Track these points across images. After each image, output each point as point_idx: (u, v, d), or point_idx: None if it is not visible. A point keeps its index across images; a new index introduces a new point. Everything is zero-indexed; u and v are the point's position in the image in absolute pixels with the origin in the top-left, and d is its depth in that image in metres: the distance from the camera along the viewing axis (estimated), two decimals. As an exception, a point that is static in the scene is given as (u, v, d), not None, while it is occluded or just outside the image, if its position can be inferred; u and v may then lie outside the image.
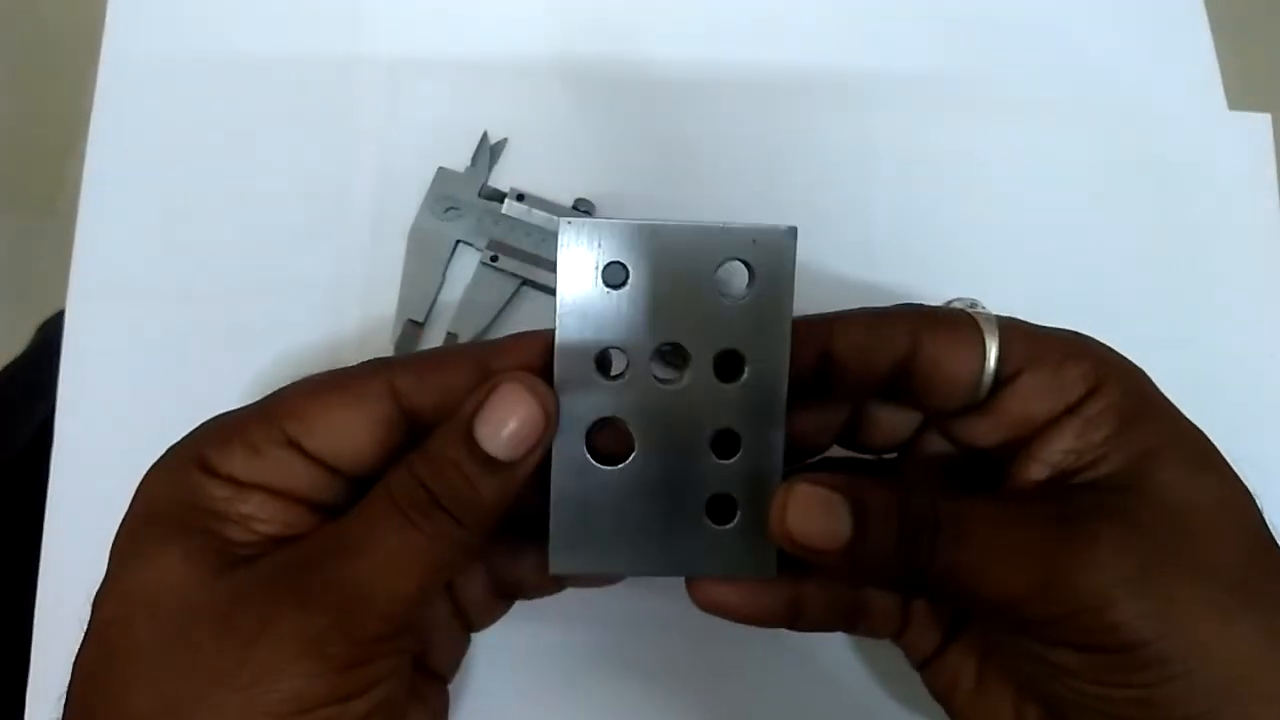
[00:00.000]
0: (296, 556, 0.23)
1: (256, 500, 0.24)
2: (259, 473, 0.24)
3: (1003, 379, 0.25)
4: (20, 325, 0.58)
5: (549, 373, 0.25)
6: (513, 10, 0.41)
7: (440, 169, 0.38)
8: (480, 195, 0.38)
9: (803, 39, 0.42)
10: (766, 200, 0.39)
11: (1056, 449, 0.24)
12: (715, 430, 0.26)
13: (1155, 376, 0.26)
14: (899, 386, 0.26)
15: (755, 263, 0.25)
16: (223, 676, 0.21)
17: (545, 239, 0.37)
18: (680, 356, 0.25)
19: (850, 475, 0.25)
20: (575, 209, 0.38)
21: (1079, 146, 0.41)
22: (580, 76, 0.40)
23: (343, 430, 0.24)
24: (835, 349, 0.25)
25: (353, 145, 0.39)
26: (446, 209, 0.38)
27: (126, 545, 0.24)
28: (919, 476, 0.28)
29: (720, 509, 0.26)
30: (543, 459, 0.25)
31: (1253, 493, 0.24)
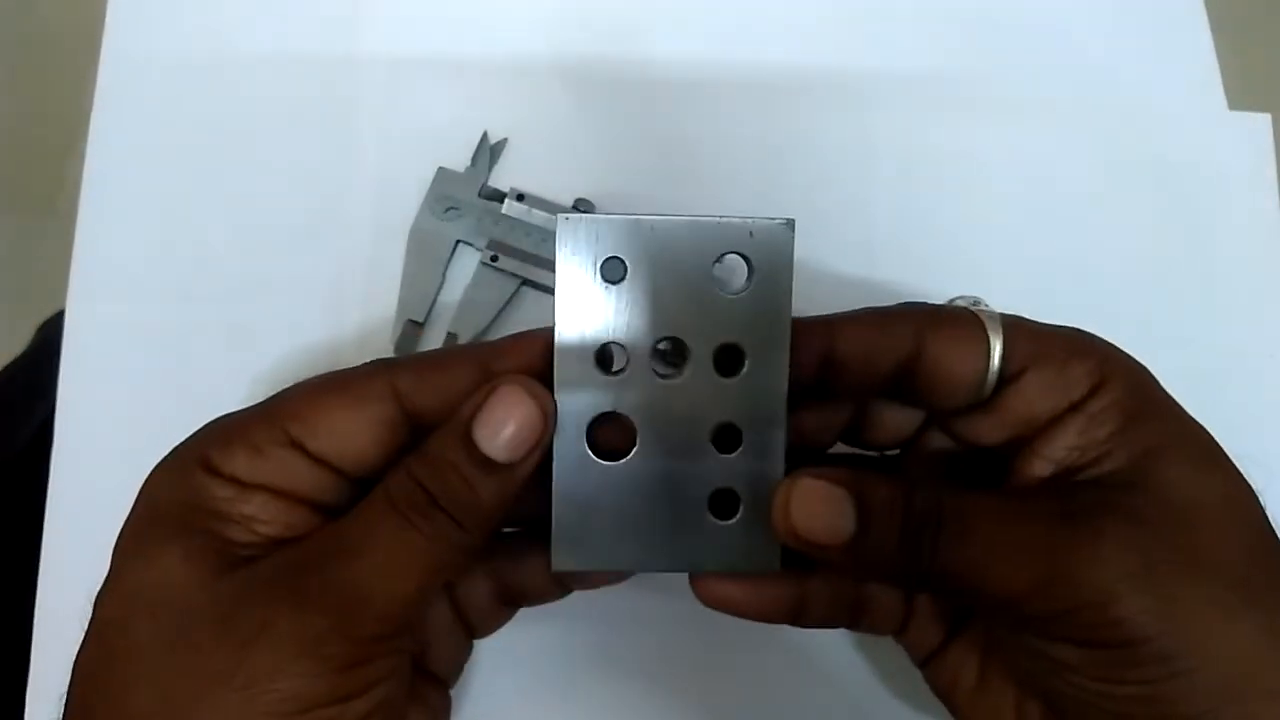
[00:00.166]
0: (296, 557, 0.23)
1: (259, 501, 0.24)
2: (261, 473, 0.24)
3: (1006, 377, 0.25)
4: (20, 325, 0.58)
5: (549, 371, 0.25)
6: (513, 10, 0.41)
7: (440, 169, 0.38)
8: (480, 195, 0.38)
9: (803, 39, 0.42)
10: (766, 200, 0.39)
11: (1060, 446, 0.24)
12: (716, 425, 0.26)
13: (1156, 376, 0.26)
14: (903, 385, 0.26)
15: (753, 256, 0.25)
16: (222, 677, 0.22)
17: (545, 239, 0.37)
18: (680, 351, 0.25)
19: (854, 470, 0.25)
20: (575, 209, 0.38)
21: (1079, 146, 0.41)
22: (580, 76, 0.40)
23: (345, 431, 0.24)
24: (839, 350, 0.25)
25: (353, 145, 0.39)
26: (446, 209, 0.38)
27: (129, 545, 0.24)
28: (922, 474, 0.28)
29: (723, 504, 0.26)
30: (541, 461, 0.25)
31: (1255, 490, 0.24)
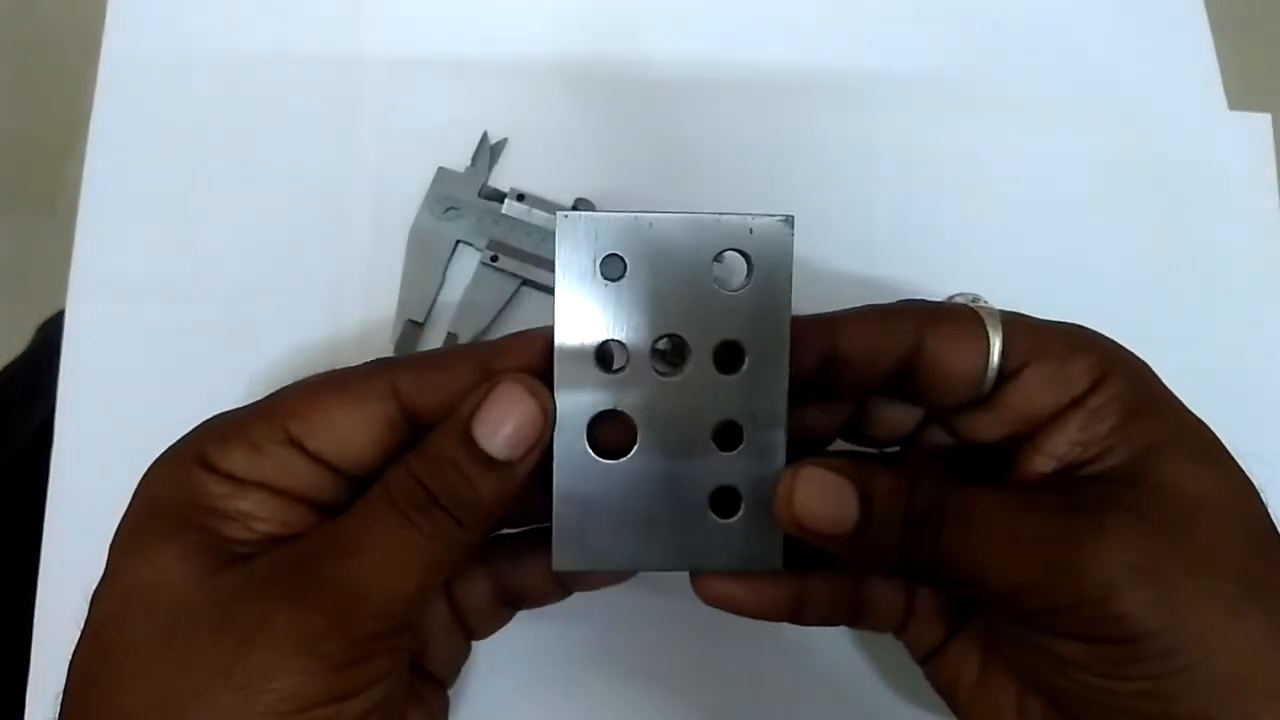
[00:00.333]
0: (294, 555, 0.23)
1: (256, 498, 0.24)
2: (259, 471, 0.24)
3: (1006, 373, 0.25)
4: (20, 325, 0.58)
5: (549, 370, 0.25)
6: (513, 10, 0.41)
7: (440, 169, 0.38)
8: (480, 195, 0.38)
9: (803, 39, 0.42)
10: (766, 200, 0.39)
11: (1061, 441, 0.24)
12: (717, 422, 0.26)
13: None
14: (903, 382, 0.26)
15: (753, 252, 0.25)
16: (218, 675, 0.21)
17: (545, 239, 0.37)
18: (680, 349, 0.25)
19: (858, 461, 0.25)
20: (575, 209, 0.38)
21: (1079, 146, 0.41)
22: (580, 76, 0.40)
23: (344, 429, 0.24)
24: (839, 348, 0.25)
25: (353, 145, 0.39)
26: (446, 209, 0.38)
27: (125, 542, 0.24)
28: (924, 468, 0.28)
29: (724, 502, 0.26)
30: (541, 459, 0.25)
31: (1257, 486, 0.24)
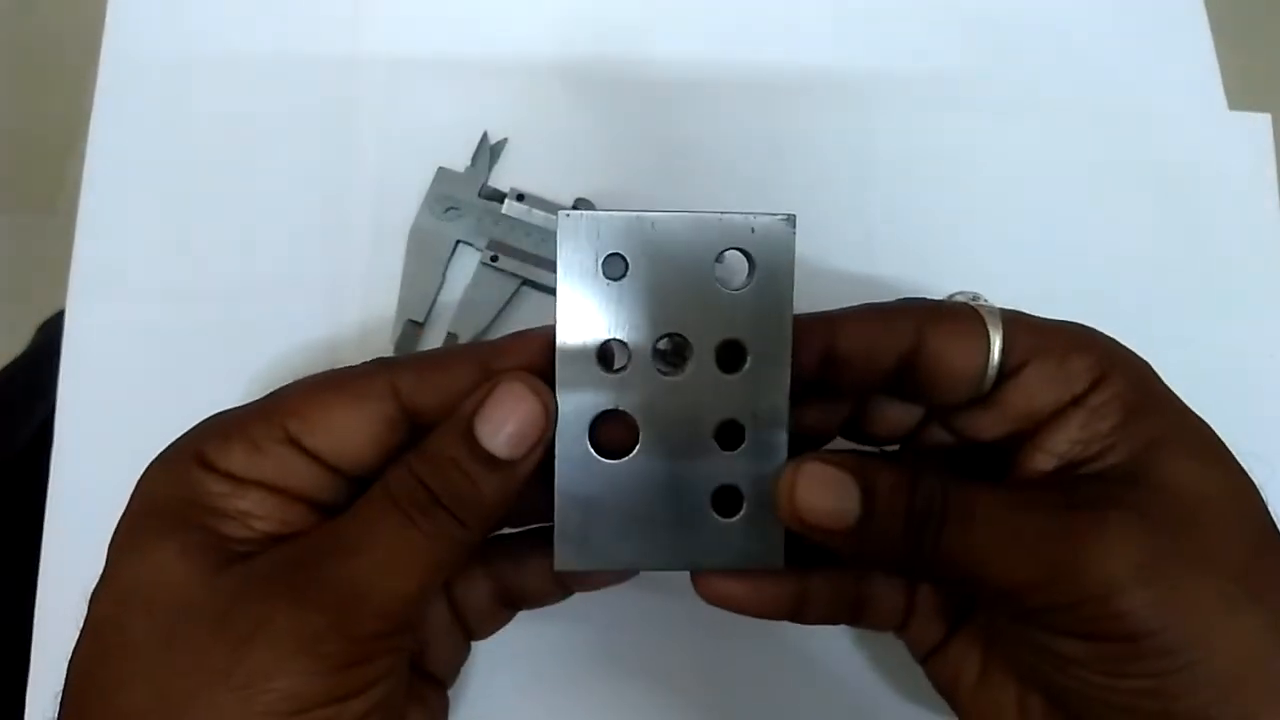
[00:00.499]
0: (294, 554, 0.23)
1: (255, 497, 0.24)
2: (258, 470, 0.24)
3: (1007, 371, 0.25)
4: (20, 325, 0.58)
5: (551, 369, 0.25)
6: (513, 10, 0.41)
7: (440, 169, 0.38)
8: (480, 195, 0.38)
9: (803, 39, 0.42)
10: (767, 200, 0.39)
11: (1062, 440, 0.24)
12: (719, 421, 0.25)
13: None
14: (903, 381, 0.26)
15: (754, 251, 0.25)
16: (218, 675, 0.21)
17: (545, 239, 0.37)
18: (681, 349, 0.25)
19: (859, 457, 0.25)
20: (575, 209, 0.38)
21: (1079, 146, 0.41)
22: (580, 76, 0.40)
23: (343, 429, 0.24)
24: (840, 346, 0.25)
25: (353, 145, 0.39)
26: (446, 209, 0.38)
27: (124, 541, 0.24)
28: (924, 466, 0.28)
29: (726, 501, 0.26)
30: (542, 458, 0.25)
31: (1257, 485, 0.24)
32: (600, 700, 0.34)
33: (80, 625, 0.23)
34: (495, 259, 0.37)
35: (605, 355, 0.25)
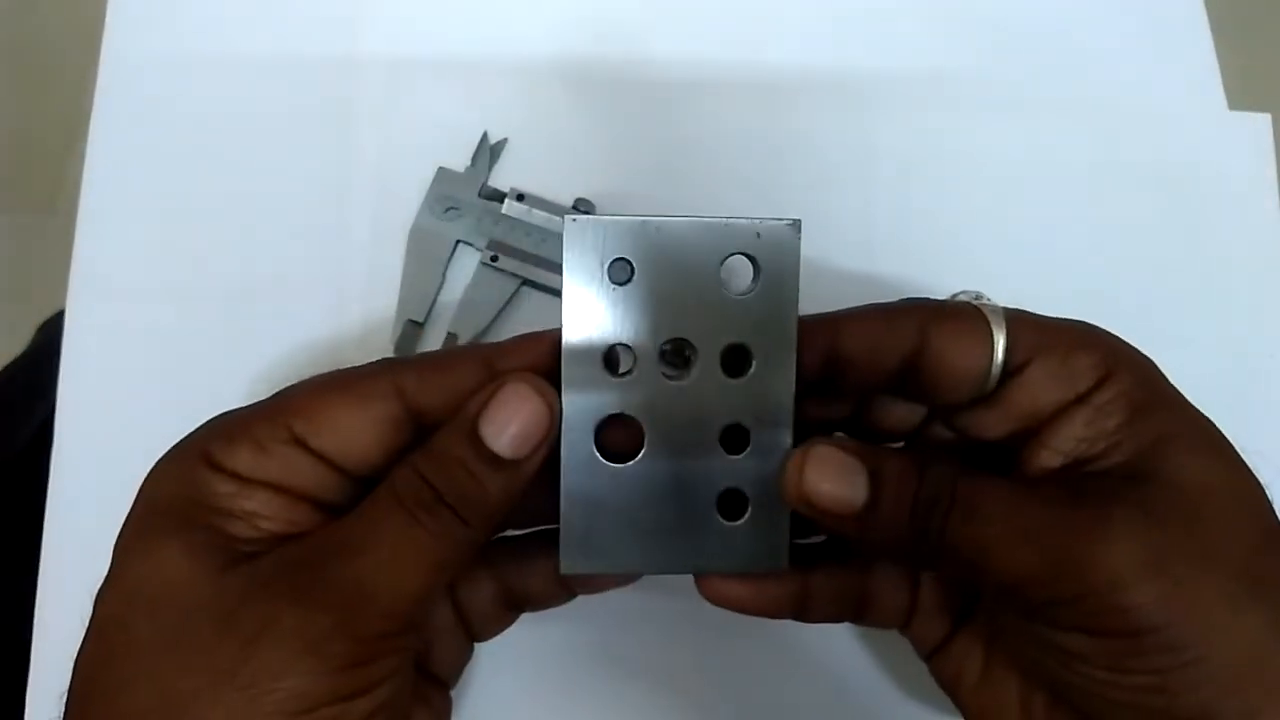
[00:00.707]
0: (299, 554, 0.23)
1: (261, 497, 0.24)
2: (264, 470, 0.24)
3: (1010, 370, 0.25)
4: (20, 325, 0.58)
5: (555, 373, 0.25)
6: (513, 10, 0.41)
7: (440, 169, 0.38)
8: (480, 195, 0.38)
9: (803, 39, 0.42)
10: (767, 200, 0.39)
11: (1067, 437, 0.24)
12: (724, 426, 0.26)
13: (1156, 372, 0.26)
14: (907, 381, 0.25)
15: (760, 256, 0.25)
16: (224, 675, 0.21)
17: (545, 239, 0.37)
18: (687, 353, 0.25)
19: (868, 444, 0.25)
20: (575, 209, 0.38)
21: (1079, 146, 0.41)
22: (580, 76, 0.40)
23: (348, 429, 0.24)
24: (843, 347, 0.25)
25: (353, 145, 0.39)
26: (446, 209, 0.38)
27: (129, 541, 0.24)
28: (932, 457, 0.28)
29: (731, 504, 0.26)
30: (546, 458, 0.25)
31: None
32: (602, 700, 0.34)
33: (85, 625, 0.23)
34: (495, 259, 0.37)
35: (611, 359, 0.25)
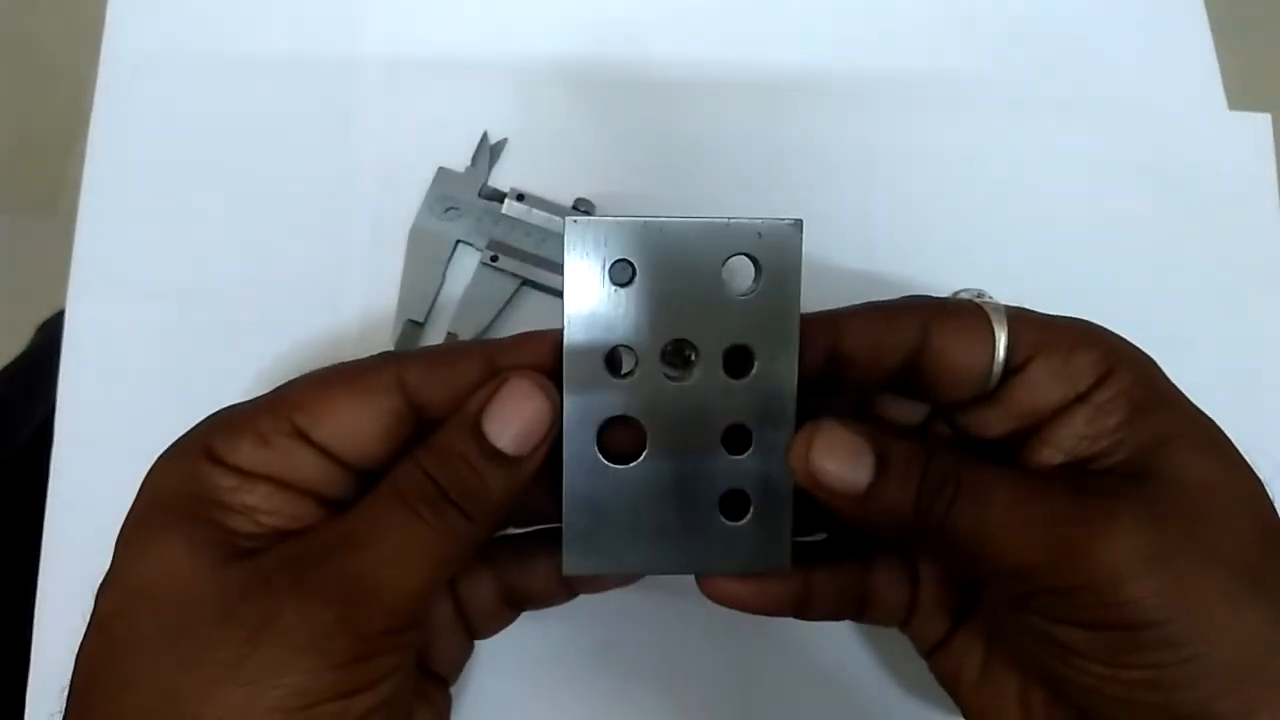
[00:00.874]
0: (301, 550, 0.23)
1: (262, 491, 0.24)
2: (266, 463, 0.24)
3: (1012, 368, 0.25)
4: (20, 325, 0.58)
5: (557, 372, 0.25)
6: (512, 10, 0.41)
7: (440, 169, 0.38)
8: (480, 195, 0.38)
9: (803, 39, 0.42)
10: (767, 200, 0.39)
11: (1068, 435, 0.24)
12: (726, 426, 0.26)
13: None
14: (908, 379, 0.25)
15: (761, 257, 0.25)
16: (225, 670, 0.21)
17: (545, 239, 0.37)
18: (689, 354, 0.25)
19: (875, 426, 0.25)
20: (575, 209, 0.38)
21: (1079, 146, 0.41)
22: (580, 76, 0.40)
23: (351, 422, 0.24)
24: (844, 346, 0.25)
25: (353, 145, 0.39)
26: (446, 209, 0.38)
27: (131, 536, 0.24)
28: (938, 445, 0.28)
29: (733, 505, 0.26)
30: (548, 456, 0.25)
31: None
32: (602, 698, 0.34)
33: (86, 623, 0.23)
34: (495, 259, 0.37)
35: (613, 361, 0.25)
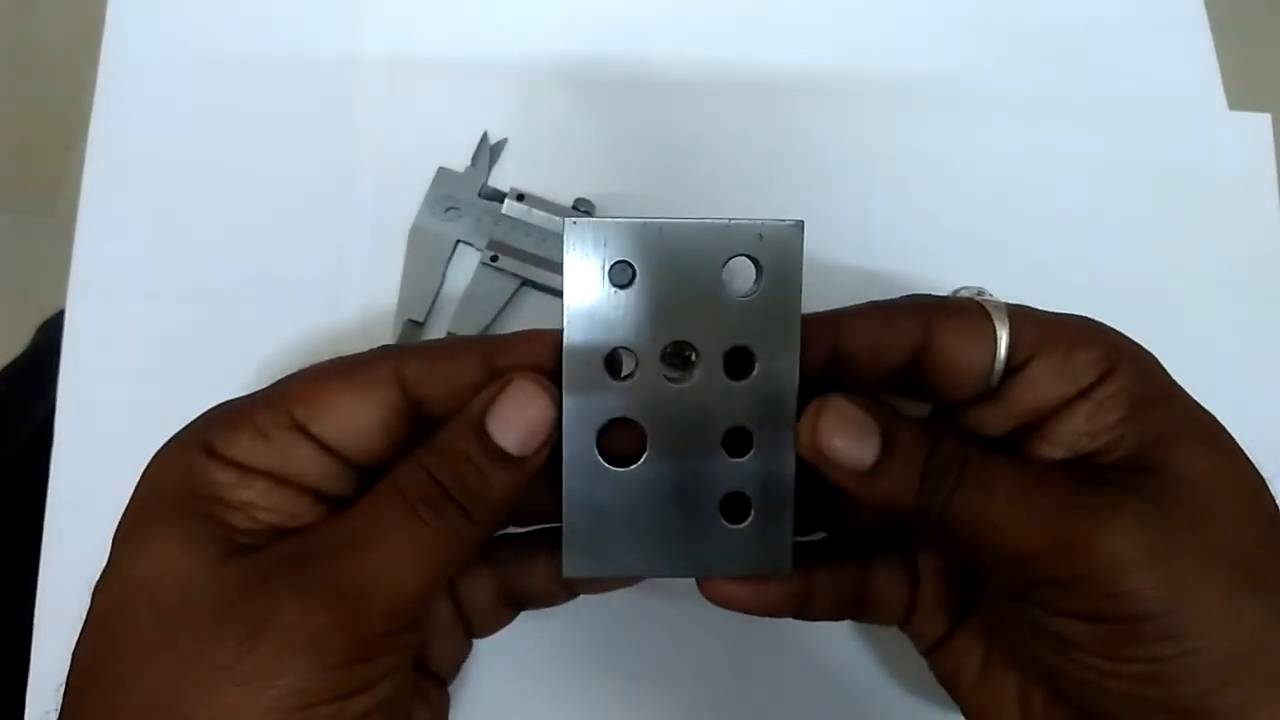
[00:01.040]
0: (300, 548, 0.23)
1: (260, 487, 0.24)
2: (264, 457, 0.24)
3: (1013, 366, 0.25)
4: (20, 325, 0.58)
5: (556, 371, 0.25)
6: (513, 10, 0.41)
7: (440, 169, 0.38)
8: (480, 195, 0.38)
9: (803, 39, 0.42)
10: (766, 200, 0.39)
11: (1069, 432, 0.24)
12: (727, 429, 0.25)
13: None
14: (910, 378, 0.25)
15: (762, 258, 0.25)
16: (221, 670, 0.21)
17: (545, 239, 0.37)
18: (689, 355, 0.25)
19: (884, 405, 0.25)
20: (575, 209, 0.38)
21: (1079, 146, 0.41)
22: (580, 76, 0.40)
23: (350, 415, 0.24)
24: (846, 347, 0.25)
25: (353, 145, 0.39)
26: (446, 209, 0.38)
27: (128, 531, 0.24)
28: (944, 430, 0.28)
29: (734, 508, 0.26)
30: (549, 457, 0.25)
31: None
32: (601, 698, 0.34)
33: (83, 617, 0.23)
34: (495, 259, 0.37)
35: (613, 362, 0.25)
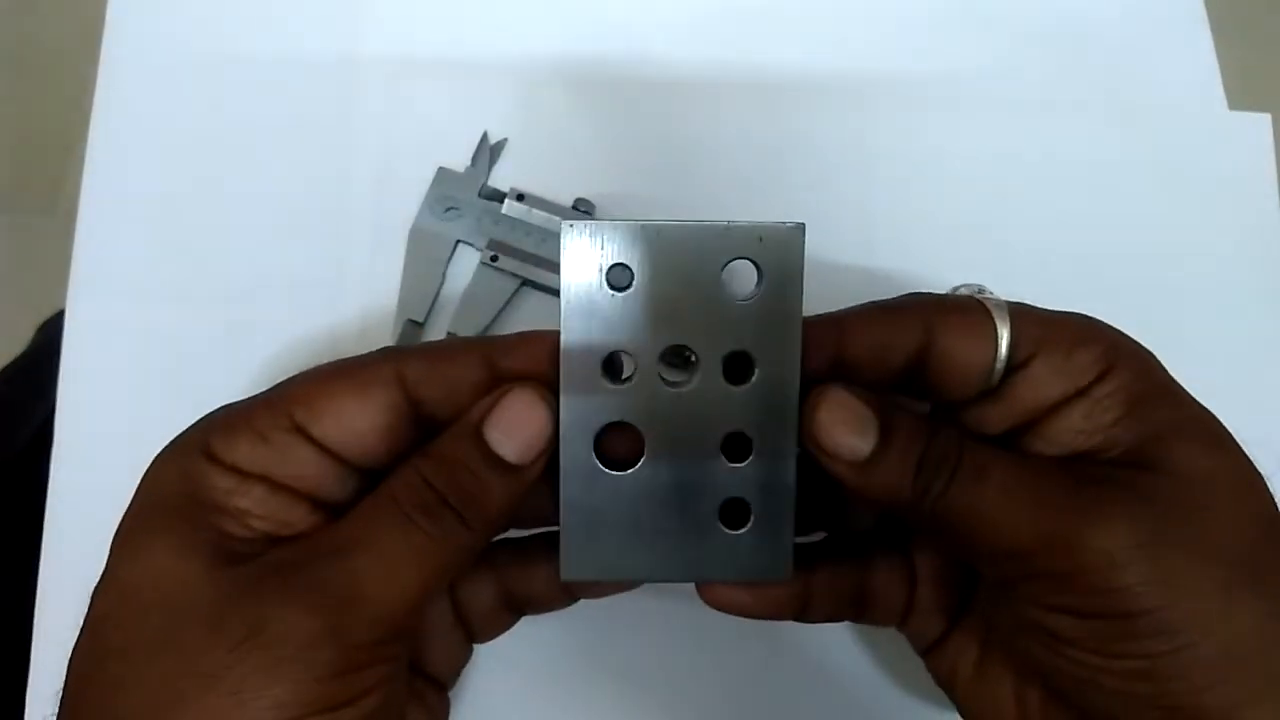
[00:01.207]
0: (293, 555, 0.23)
1: (257, 494, 0.23)
2: (264, 461, 0.23)
3: (1014, 365, 0.25)
4: (20, 325, 0.58)
5: (556, 373, 0.25)
6: (513, 10, 0.41)
7: (440, 169, 0.38)
8: (480, 195, 0.38)
9: (803, 39, 0.42)
10: (766, 200, 0.39)
11: (1066, 429, 0.24)
12: (726, 433, 0.25)
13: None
14: (912, 379, 0.25)
15: (763, 261, 0.24)
16: (210, 680, 0.21)
17: (545, 239, 0.37)
18: (688, 359, 0.25)
19: (883, 396, 0.25)
20: (575, 209, 0.38)
21: (1079, 146, 0.41)
22: (580, 76, 0.40)
23: (350, 416, 0.24)
24: (848, 349, 0.25)
25: (353, 145, 0.39)
26: (446, 209, 0.38)
27: (126, 537, 0.24)
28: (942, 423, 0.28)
29: (733, 513, 0.26)
30: (546, 465, 0.25)
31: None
32: (601, 703, 0.34)
33: (82, 618, 0.23)
34: (495, 259, 0.37)
35: (611, 366, 0.25)
